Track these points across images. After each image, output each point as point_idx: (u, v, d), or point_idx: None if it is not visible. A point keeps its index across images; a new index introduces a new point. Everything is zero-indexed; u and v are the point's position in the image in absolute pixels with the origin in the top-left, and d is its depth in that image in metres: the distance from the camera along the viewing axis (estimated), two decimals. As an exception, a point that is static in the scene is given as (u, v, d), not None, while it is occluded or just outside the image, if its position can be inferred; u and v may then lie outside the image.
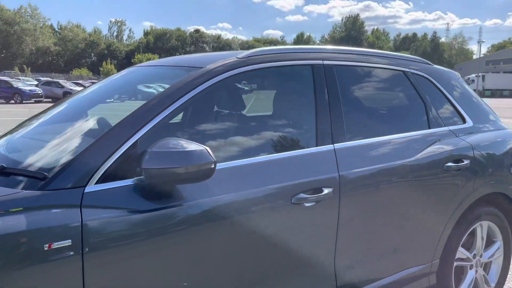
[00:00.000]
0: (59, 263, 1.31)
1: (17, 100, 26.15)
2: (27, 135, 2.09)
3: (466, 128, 2.60)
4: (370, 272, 2.12)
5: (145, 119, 1.58)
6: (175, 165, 1.43)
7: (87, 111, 2.15)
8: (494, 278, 2.75)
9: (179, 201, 1.54)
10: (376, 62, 2.38)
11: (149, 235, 1.48)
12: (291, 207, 1.78)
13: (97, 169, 1.46)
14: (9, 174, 1.51)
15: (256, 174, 1.76)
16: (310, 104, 2.03)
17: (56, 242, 1.31)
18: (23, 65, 65.31)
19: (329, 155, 1.96)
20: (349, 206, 1.95)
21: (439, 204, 2.31)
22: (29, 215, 1.32)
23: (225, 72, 1.83)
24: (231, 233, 1.65)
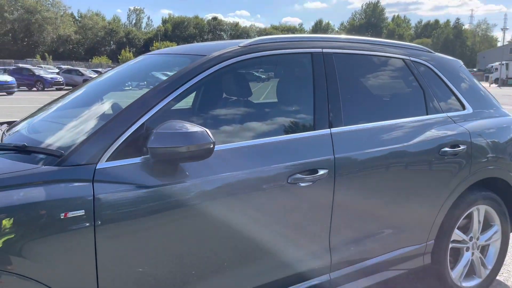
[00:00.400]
0: (74, 231, 1.48)
1: (39, 87, 26.78)
2: (46, 118, 2.26)
3: (465, 115, 2.67)
4: (364, 250, 2.23)
5: (151, 103, 1.73)
6: (178, 144, 1.57)
7: (103, 97, 2.31)
8: (492, 261, 2.83)
9: (183, 178, 1.69)
10: (376, 50, 2.47)
11: (155, 209, 1.63)
12: (287, 186, 1.90)
13: (107, 148, 1.61)
14: (30, 152, 1.68)
15: (255, 155, 1.89)
16: (309, 90, 2.15)
17: (71, 211, 1.47)
18: (44, 53, 66.51)
19: (326, 139, 2.07)
20: (344, 187, 2.07)
21: (434, 187, 2.41)
22: (47, 187, 1.48)
23: (227, 60, 1.95)
24: (231, 209, 1.79)
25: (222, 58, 1.96)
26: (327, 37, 2.35)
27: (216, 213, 1.76)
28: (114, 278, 1.57)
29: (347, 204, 2.11)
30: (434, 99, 2.57)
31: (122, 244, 1.59)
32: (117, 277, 1.58)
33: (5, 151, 1.72)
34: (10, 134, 2.09)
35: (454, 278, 2.64)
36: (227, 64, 1.96)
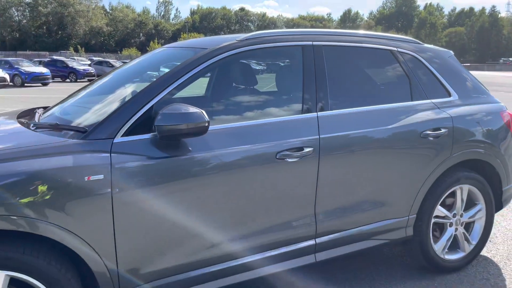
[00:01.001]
0: (95, 191, 1.84)
1: (72, 79, 27.85)
2: (73, 103, 2.65)
3: (450, 101, 2.89)
4: (348, 221, 2.52)
5: (158, 89, 2.07)
6: (179, 122, 1.91)
7: (121, 85, 2.67)
8: (476, 237, 3.06)
9: (184, 152, 2.03)
10: (364, 42, 2.73)
11: (160, 177, 1.98)
12: (276, 161, 2.21)
13: (122, 126, 1.96)
14: (61, 129, 2.06)
15: (248, 134, 2.21)
16: (299, 79, 2.44)
17: (93, 176, 1.83)
18: (77, 45, 68.50)
19: (312, 121, 2.37)
20: (328, 163, 2.36)
21: (414, 166, 2.66)
22: (74, 156, 1.85)
23: (225, 52, 2.27)
24: (225, 179, 2.12)
25: (220, 50, 2.28)
26: (318, 31, 2.63)
27: (212, 182, 2.09)
28: (127, 229, 1.93)
29: (331, 178, 2.41)
30: (420, 86, 2.81)
31: (133, 204, 1.93)
32: (129, 229, 1.94)
33: (42, 129, 2.12)
34: (45, 116, 2.49)
35: (437, 250, 2.89)
36: (225, 56, 2.28)
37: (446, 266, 2.96)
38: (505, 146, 3.04)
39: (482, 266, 3.10)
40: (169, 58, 2.71)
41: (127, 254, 1.94)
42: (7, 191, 1.69)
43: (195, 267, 2.12)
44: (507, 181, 3.10)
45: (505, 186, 3.09)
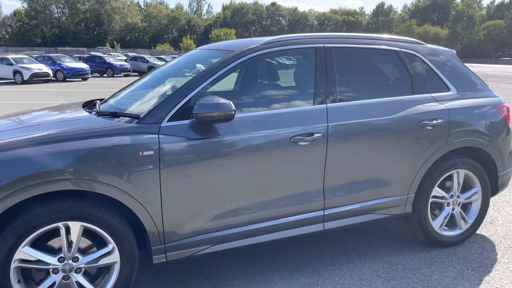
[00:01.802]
0: (147, 164, 2.37)
1: (109, 74, 29.10)
2: (126, 95, 3.21)
3: (448, 95, 3.27)
4: (352, 197, 2.96)
5: (195, 84, 2.58)
6: (212, 111, 2.41)
7: (165, 81, 3.21)
8: (473, 216, 3.43)
9: (215, 135, 2.52)
10: (370, 44, 3.15)
11: (197, 155, 2.49)
12: (290, 144, 2.69)
13: (168, 113, 2.48)
14: (119, 115, 2.61)
15: (268, 121, 2.69)
16: (312, 76, 2.90)
17: (145, 151, 2.36)
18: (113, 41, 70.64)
19: (322, 111, 2.82)
20: (335, 147, 2.81)
21: (413, 151, 3.06)
22: (131, 136, 2.38)
23: (249, 54, 2.76)
24: (249, 157, 2.61)
25: (246, 52, 2.77)
26: (329, 34, 3.07)
27: (237, 159, 2.58)
28: (170, 195, 2.45)
29: (337, 160, 2.85)
30: (420, 82, 3.20)
31: (175, 175, 2.44)
32: (172, 195, 2.45)
33: (104, 115, 2.68)
34: (103, 106, 3.06)
35: (435, 226, 3.28)
36: (250, 56, 2.77)
37: (443, 241, 3.34)
38: (501, 136, 3.38)
39: (478, 243, 3.47)
40: (202, 59, 3.21)
41: (170, 215, 2.47)
42: (83, 161, 2.24)
43: (221, 228, 2.62)
44: (502, 168, 3.44)
45: (500, 172, 3.44)
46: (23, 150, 2.22)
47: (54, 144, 2.27)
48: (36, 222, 2.19)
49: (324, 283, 2.83)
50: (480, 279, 2.91)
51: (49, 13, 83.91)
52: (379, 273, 2.98)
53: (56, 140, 2.29)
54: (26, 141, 2.28)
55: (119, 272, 2.41)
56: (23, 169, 2.15)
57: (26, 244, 2.20)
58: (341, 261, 3.14)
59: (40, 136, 2.34)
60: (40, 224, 2.20)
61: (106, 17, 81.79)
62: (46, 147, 2.24)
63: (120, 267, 2.41)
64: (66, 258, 2.29)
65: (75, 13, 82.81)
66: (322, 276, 2.92)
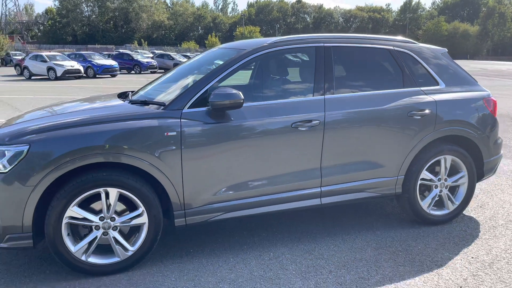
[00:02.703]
0: (170, 143, 2.88)
1: (136, 70, 30.11)
2: (153, 88, 3.74)
3: (437, 89, 3.67)
4: (347, 176, 3.39)
5: (211, 78, 3.09)
6: (224, 99, 2.90)
7: (186, 75, 3.72)
8: (460, 198, 3.81)
9: (228, 120, 3.01)
10: (366, 43, 3.58)
11: (212, 136, 2.99)
12: (291, 129, 3.15)
13: (188, 101, 2.99)
14: (148, 103, 3.14)
15: (271, 109, 3.16)
16: (312, 71, 3.35)
17: (170, 132, 2.88)
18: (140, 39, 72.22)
19: (320, 102, 3.27)
20: (331, 132, 3.26)
21: (402, 138, 3.47)
22: (158, 119, 2.90)
23: (257, 52, 3.25)
24: (254, 140, 3.09)
25: (255, 51, 3.25)
26: (329, 35, 3.52)
27: (246, 140, 3.07)
28: (189, 169, 2.95)
29: (333, 144, 3.30)
30: (411, 77, 3.61)
31: (193, 152, 2.95)
32: (191, 169, 2.96)
33: (135, 103, 3.22)
34: (134, 96, 3.60)
35: (423, 206, 3.69)
36: (258, 54, 3.25)
37: (432, 219, 3.74)
38: (486, 126, 3.75)
39: (465, 223, 3.85)
40: (219, 56, 3.71)
41: (189, 186, 2.97)
42: (120, 139, 2.78)
43: (231, 199, 3.10)
44: (488, 155, 3.81)
45: (486, 159, 3.81)
46: (70, 130, 2.77)
47: (96, 125, 2.81)
48: (82, 187, 2.74)
49: (320, 250, 3.29)
50: (459, 250, 3.31)
51: (79, 12, 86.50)
52: (369, 243, 3.42)
53: (98, 122, 2.84)
54: (73, 123, 2.83)
55: (147, 232, 2.94)
56: (71, 144, 2.70)
57: (75, 204, 2.75)
58: (337, 233, 3.59)
59: (85, 118, 2.90)
60: (86, 189, 2.75)
61: (134, 15, 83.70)
62: (90, 127, 2.79)
63: (148, 227, 2.94)
64: (105, 218, 2.84)
65: (105, 12, 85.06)
66: (319, 245, 3.39)
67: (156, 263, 3.08)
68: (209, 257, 3.18)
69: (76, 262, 2.82)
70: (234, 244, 3.39)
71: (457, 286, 2.80)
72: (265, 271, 2.98)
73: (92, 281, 2.82)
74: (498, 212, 4.09)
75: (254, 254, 3.23)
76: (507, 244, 3.42)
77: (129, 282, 2.82)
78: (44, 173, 2.64)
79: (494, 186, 4.86)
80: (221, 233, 3.58)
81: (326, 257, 3.19)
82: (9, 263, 3.08)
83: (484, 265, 3.08)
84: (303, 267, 3.03)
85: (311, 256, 3.19)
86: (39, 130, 2.77)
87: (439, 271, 2.99)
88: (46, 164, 2.64)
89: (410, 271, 2.99)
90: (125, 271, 2.93)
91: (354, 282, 2.85)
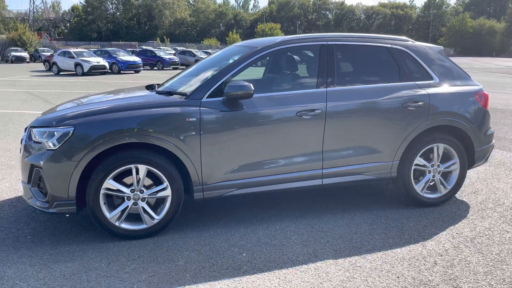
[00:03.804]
0: (191, 128, 3.36)
1: (159, 67, 30.90)
2: (176, 81, 4.24)
3: (431, 83, 4.04)
4: (346, 160, 3.81)
5: (227, 72, 3.56)
6: (237, 90, 3.37)
7: (205, 70, 4.21)
8: (452, 183, 4.18)
9: (240, 108, 3.48)
10: (366, 41, 3.99)
11: (226, 122, 3.45)
12: (296, 117, 3.60)
13: (206, 92, 3.47)
14: (172, 93, 3.64)
15: (279, 100, 3.62)
16: (316, 66, 3.79)
17: (190, 118, 3.37)
18: (163, 35, 73.40)
19: (322, 94, 3.71)
20: (332, 121, 3.69)
21: (398, 127, 3.87)
22: (181, 107, 3.39)
23: (267, 49, 3.70)
24: (264, 126, 3.54)
25: (265, 48, 3.71)
26: (332, 34, 3.95)
27: (256, 127, 3.53)
28: (207, 150, 3.43)
29: (334, 131, 3.72)
30: (407, 72, 4.00)
31: (210, 136, 3.42)
32: (208, 150, 3.43)
33: (161, 94, 3.72)
34: (160, 88, 4.10)
35: (417, 189, 4.08)
36: (268, 52, 3.72)
37: (425, 202, 4.13)
38: (477, 118, 4.11)
39: (456, 205, 4.22)
40: (235, 53, 4.18)
41: (206, 165, 3.45)
42: (148, 123, 3.28)
43: (243, 178, 3.56)
44: (479, 144, 4.17)
45: (476, 147, 4.17)
46: (107, 115, 3.29)
47: (128, 111, 3.32)
48: (117, 163, 3.25)
49: (321, 225, 3.73)
50: (446, 227, 3.69)
51: (104, 9, 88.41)
52: (366, 220, 3.84)
53: (130, 108, 3.35)
54: (110, 109, 3.35)
55: (170, 203, 3.44)
56: (108, 127, 3.21)
57: (111, 178, 3.26)
58: (338, 212, 4.02)
59: (119, 105, 3.42)
60: (120, 165, 3.26)
61: (157, 12, 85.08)
62: (123, 113, 3.30)
63: (171, 200, 3.43)
64: (135, 190, 3.35)
65: (129, 9, 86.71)
66: (319, 220, 3.83)
67: (178, 231, 3.58)
68: (224, 227, 3.67)
69: (111, 227, 3.34)
70: (246, 218, 3.86)
71: (437, 254, 3.20)
72: (271, 240, 3.44)
73: (124, 243, 3.34)
74: (490, 197, 4.44)
75: (262, 226, 3.70)
76: (491, 223, 3.78)
77: (155, 245, 3.33)
78: (86, 150, 3.16)
79: (491, 175, 5.19)
80: (235, 210, 4.06)
81: (325, 230, 3.63)
82: (54, 228, 3.63)
83: (466, 239, 3.47)
84: (304, 237, 3.48)
85: (312, 229, 3.64)
86: (81, 115, 3.30)
87: (424, 243, 3.40)
88: (88, 143, 3.16)
89: (398, 242, 3.41)
90: (152, 236, 3.44)
91: (348, 249, 3.28)
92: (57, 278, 2.84)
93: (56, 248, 3.27)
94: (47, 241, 3.40)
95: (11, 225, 3.69)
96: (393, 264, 3.06)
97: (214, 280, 2.84)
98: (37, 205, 3.31)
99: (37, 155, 3.26)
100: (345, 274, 2.92)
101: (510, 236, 3.52)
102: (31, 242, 3.37)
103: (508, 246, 3.34)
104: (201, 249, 3.28)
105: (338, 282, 2.82)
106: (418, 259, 3.13)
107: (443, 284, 2.80)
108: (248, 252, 3.22)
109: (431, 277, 2.89)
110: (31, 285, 2.75)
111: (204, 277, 2.88)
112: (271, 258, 3.15)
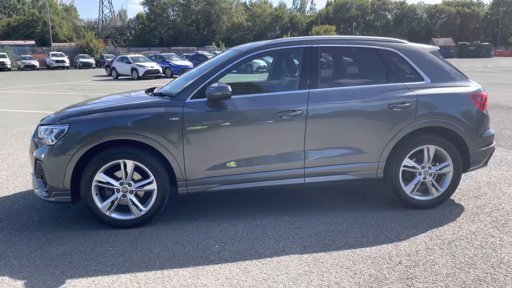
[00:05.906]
0: (174, 127, 3.62)
1: (210, 70, 31.79)
2: (173, 83, 4.53)
3: (421, 84, 3.99)
4: (329, 160, 3.87)
5: (211, 74, 3.78)
6: (217, 92, 3.58)
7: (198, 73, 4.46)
8: (445, 186, 4.09)
9: (221, 108, 3.68)
10: (353, 44, 4.03)
11: (208, 121, 3.67)
12: (276, 118, 3.74)
13: (190, 93, 3.72)
14: (163, 95, 3.93)
15: (260, 101, 3.78)
16: (299, 68, 3.90)
17: (173, 117, 3.63)
18: (219, 40, 75.26)
19: (304, 95, 3.81)
20: (313, 121, 3.78)
21: (383, 127, 3.86)
22: (166, 107, 3.66)
23: (251, 53, 3.88)
24: (244, 125, 3.72)
25: (250, 52, 3.89)
26: (318, 37, 4.03)
27: (236, 125, 3.71)
28: (189, 147, 3.68)
29: (315, 131, 3.81)
30: (396, 73, 3.99)
31: (193, 134, 3.66)
32: (190, 147, 3.67)
33: (155, 96, 4.03)
34: (158, 89, 4.41)
35: (406, 191, 4.04)
36: (253, 54, 3.88)
37: (415, 204, 4.07)
38: (471, 119, 4.00)
39: (448, 208, 4.12)
40: (226, 56, 4.40)
41: (189, 161, 3.69)
42: (140, 121, 3.58)
43: (225, 174, 3.76)
44: (474, 146, 4.04)
45: (471, 150, 4.04)
46: (98, 114, 3.64)
47: (118, 111, 3.65)
48: (107, 158, 3.59)
49: (301, 222, 3.83)
50: (427, 229, 3.64)
51: (166, 16, 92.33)
52: (348, 220, 3.88)
53: (120, 109, 3.68)
54: (101, 109, 3.70)
55: (156, 197, 3.72)
56: (98, 125, 3.55)
57: (101, 171, 3.61)
58: (324, 211, 4.09)
59: (111, 106, 3.77)
60: (109, 159, 3.59)
61: (215, 17, 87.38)
62: (113, 113, 3.64)
63: (156, 193, 3.71)
64: (124, 183, 3.67)
65: (188, 15, 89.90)
66: (302, 217, 3.93)
67: (164, 223, 3.85)
68: (208, 221, 3.89)
69: (102, 216, 3.68)
70: (232, 213, 4.06)
71: (406, 255, 3.20)
72: (248, 234, 3.61)
73: (112, 231, 3.67)
74: (490, 202, 4.27)
75: (244, 221, 3.88)
76: (479, 228, 3.67)
77: (139, 234, 3.62)
78: (79, 146, 3.53)
79: (504, 180, 4.96)
80: (225, 206, 4.27)
81: (303, 227, 3.73)
82: (59, 216, 4.06)
83: (443, 242, 3.41)
84: (280, 233, 3.61)
85: (291, 226, 3.75)
86: (76, 113, 3.68)
87: (398, 243, 3.39)
88: (80, 139, 3.52)
89: (371, 241, 3.43)
90: (138, 226, 3.74)
91: (317, 246, 3.37)
92: (45, 258, 3.21)
93: (54, 233, 3.67)
94: (50, 227, 3.81)
95: (24, 211, 4.17)
96: (356, 262, 3.11)
97: (179, 268, 3.06)
98: (41, 195, 3.74)
99: (40, 150, 3.68)
100: (304, 268, 3.03)
101: (493, 241, 3.41)
102: (36, 227, 3.81)
103: (486, 250, 3.25)
104: (179, 239, 3.52)
105: (294, 275, 2.94)
106: (384, 258, 3.15)
107: (397, 283, 2.82)
108: (220, 244, 3.42)
109: (388, 275, 2.92)
110: (22, 263, 3.14)
111: (171, 264, 3.12)
112: (240, 250, 3.32)
